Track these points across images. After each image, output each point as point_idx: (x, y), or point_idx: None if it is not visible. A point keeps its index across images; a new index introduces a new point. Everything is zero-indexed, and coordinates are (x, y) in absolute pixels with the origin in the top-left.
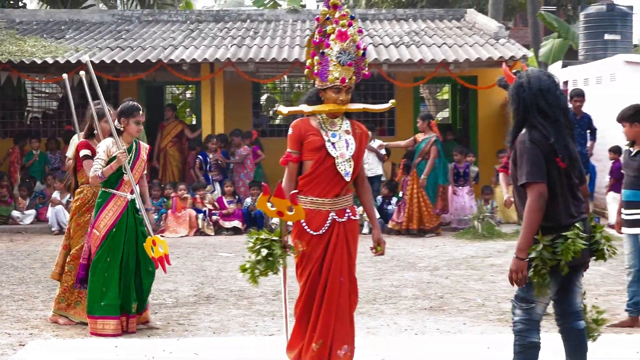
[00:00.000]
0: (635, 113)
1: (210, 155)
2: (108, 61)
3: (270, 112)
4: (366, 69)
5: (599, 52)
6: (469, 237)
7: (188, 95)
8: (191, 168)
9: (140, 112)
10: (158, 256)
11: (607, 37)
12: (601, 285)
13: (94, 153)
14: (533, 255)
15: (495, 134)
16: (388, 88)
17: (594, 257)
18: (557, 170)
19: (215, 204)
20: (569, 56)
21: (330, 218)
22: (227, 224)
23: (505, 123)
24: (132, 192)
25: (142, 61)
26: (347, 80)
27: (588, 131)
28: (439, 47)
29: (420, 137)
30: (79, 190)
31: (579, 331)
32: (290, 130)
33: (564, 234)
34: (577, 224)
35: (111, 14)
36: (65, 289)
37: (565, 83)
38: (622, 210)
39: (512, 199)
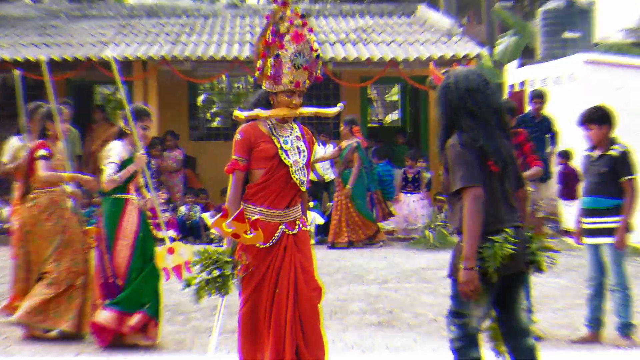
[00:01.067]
0: (603, 114)
1: (153, 162)
2: (33, 59)
3: (208, 114)
4: (319, 72)
5: (558, 50)
6: (420, 247)
7: (119, 96)
8: None
9: (150, 117)
10: (176, 264)
11: (566, 35)
12: (560, 299)
13: (51, 155)
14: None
15: None
16: (334, 88)
17: (532, 269)
18: (489, 174)
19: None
20: (526, 55)
21: (280, 230)
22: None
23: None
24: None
25: (70, 59)
26: (301, 84)
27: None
28: (388, 44)
29: (344, 144)
30: (32, 196)
31: (528, 349)
32: (238, 136)
33: (491, 238)
34: (507, 229)
35: (36, 8)
36: (44, 301)
37: (522, 84)
38: (582, 218)
39: None
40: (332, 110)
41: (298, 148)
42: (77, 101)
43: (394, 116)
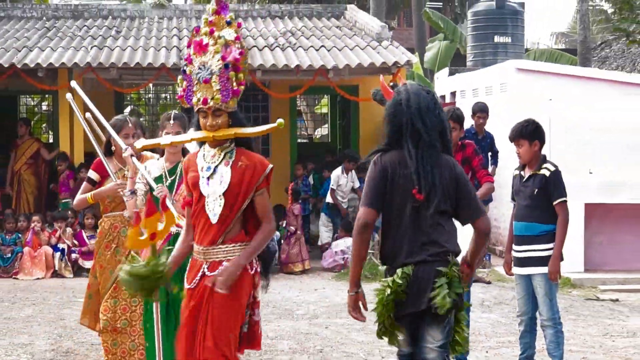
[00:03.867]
0: (536, 129)
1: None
2: None
3: None
4: (234, 84)
5: (489, 57)
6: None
7: (44, 108)
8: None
9: (171, 122)
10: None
11: (497, 39)
12: (492, 336)
13: (103, 176)
14: (377, 300)
15: None
16: (262, 99)
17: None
18: (409, 203)
19: (74, 240)
20: (457, 61)
21: (201, 271)
22: (88, 264)
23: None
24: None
25: None
26: (209, 101)
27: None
28: (317, 50)
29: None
30: (100, 221)
31: None
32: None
33: (385, 279)
34: (404, 269)
35: None
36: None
37: (453, 94)
38: (513, 246)
39: None
40: (258, 130)
41: (221, 175)
42: (0, 113)
43: (323, 130)
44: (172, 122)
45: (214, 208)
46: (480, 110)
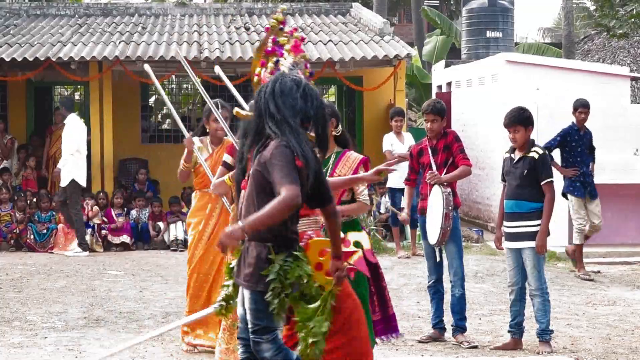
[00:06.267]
0: (530, 115)
1: None
2: None
3: (159, 116)
4: None
5: (481, 50)
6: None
7: (77, 97)
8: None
9: (219, 110)
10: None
11: (488, 34)
12: (485, 305)
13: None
14: (271, 277)
15: (382, 140)
16: None
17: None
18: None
19: (104, 218)
20: (452, 54)
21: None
22: (116, 240)
23: (392, 128)
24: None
25: (31, 59)
26: None
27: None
28: (325, 44)
29: None
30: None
31: None
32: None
33: (295, 252)
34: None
35: None
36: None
37: (449, 84)
38: (504, 222)
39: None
40: None
41: None
42: (37, 102)
43: None
44: (220, 110)
45: None
46: (582, 106)
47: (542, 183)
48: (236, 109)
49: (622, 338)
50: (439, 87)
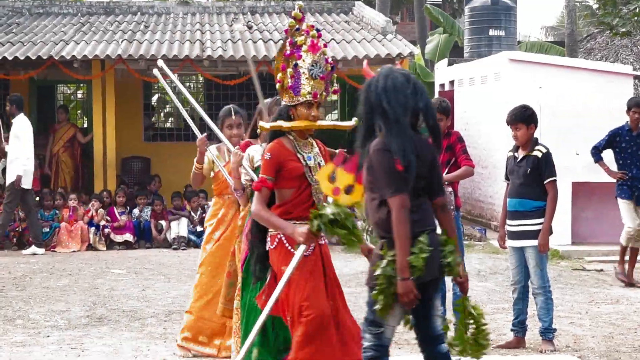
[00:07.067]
0: (533, 113)
1: None
2: None
3: (162, 115)
4: (336, 85)
5: (484, 48)
6: (358, 251)
7: (79, 96)
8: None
9: (233, 116)
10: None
11: (491, 32)
12: (487, 303)
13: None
14: (378, 272)
15: None
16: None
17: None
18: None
19: (106, 217)
20: (455, 53)
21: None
22: (119, 238)
23: None
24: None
25: (33, 57)
26: (319, 95)
27: None
28: (328, 42)
29: None
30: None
31: (442, 355)
32: (267, 155)
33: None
34: (421, 238)
35: (1, 6)
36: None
37: (452, 83)
38: (507, 221)
39: None
40: (349, 124)
41: (319, 164)
42: (39, 101)
43: (333, 116)
44: (234, 116)
45: (320, 197)
46: (636, 105)
47: (545, 182)
48: (261, 123)
49: (625, 336)
50: (442, 85)
